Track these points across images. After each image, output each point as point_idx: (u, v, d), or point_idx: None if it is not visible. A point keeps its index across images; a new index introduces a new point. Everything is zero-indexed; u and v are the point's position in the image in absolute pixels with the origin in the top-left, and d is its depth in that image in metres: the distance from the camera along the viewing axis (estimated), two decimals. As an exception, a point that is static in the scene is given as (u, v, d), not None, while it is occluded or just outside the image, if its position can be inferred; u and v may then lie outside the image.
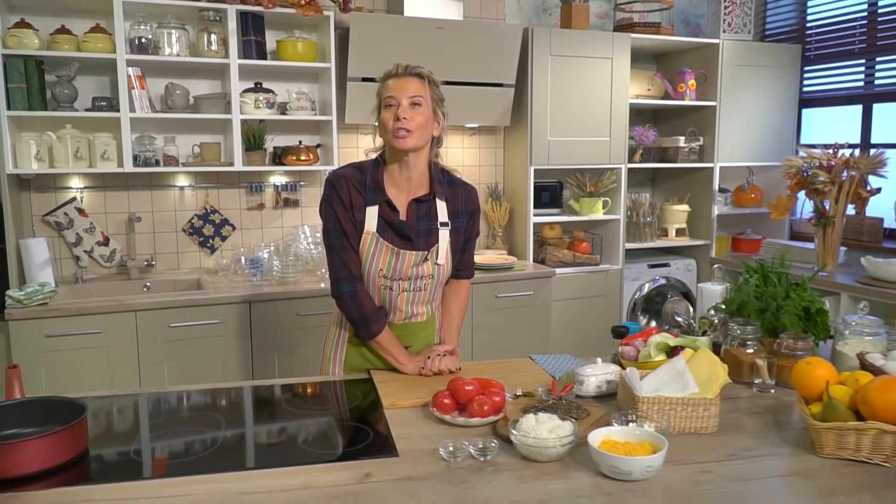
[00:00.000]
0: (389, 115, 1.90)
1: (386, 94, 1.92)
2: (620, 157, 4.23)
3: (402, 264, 1.97)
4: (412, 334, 2.10)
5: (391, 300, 2.02)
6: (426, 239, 2.00)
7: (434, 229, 2.01)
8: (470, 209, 2.08)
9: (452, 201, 2.04)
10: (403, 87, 1.90)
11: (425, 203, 2.01)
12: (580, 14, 4.15)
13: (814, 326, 1.97)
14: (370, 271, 1.98)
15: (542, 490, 1.35)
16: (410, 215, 1.99)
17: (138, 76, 3.30)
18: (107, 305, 3.04)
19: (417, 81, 1.92)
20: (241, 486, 1.37)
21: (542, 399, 1.73)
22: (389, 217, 1.97)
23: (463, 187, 2.08)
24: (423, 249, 1.99)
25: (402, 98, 1.89)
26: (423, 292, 2.04)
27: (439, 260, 2.02)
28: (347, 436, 1.68)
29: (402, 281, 2.00)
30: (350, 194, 1.95)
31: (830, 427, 1.46)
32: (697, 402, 1.62)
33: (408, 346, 2.08)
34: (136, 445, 1.62)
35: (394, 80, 1.92)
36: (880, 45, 4.15)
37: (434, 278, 2.03)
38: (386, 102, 1.91)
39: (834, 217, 3.84)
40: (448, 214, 2.03)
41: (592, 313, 4.17)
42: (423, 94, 1.92)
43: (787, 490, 1.37)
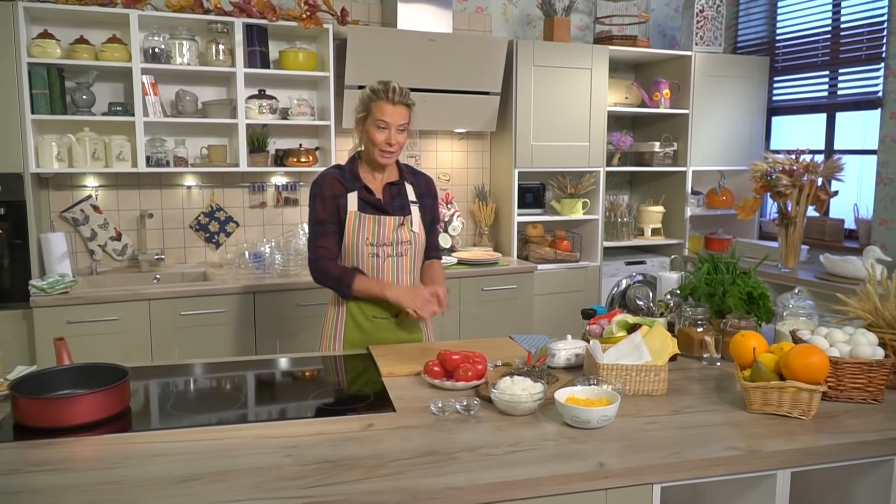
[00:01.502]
0: (382, 136, 2.27)
1: (380, 116, 2.25)
2: (599, 160, 4.52)
3: (384, 229, 2.34)
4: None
5: (379, 267, 2.35)
6: (401, 211, 2.39)
7: (406, 205, 2.40)
8: (432, 192, 2.49)
9: (417, 186, 2.45)
10: (396, 115, 2.26)
11: (396, 186, 2.41)
12: (562, 27, 4.44)
13: (757, 309, 2.26)
14: (357, 243, 2.33)
15: (515, 435, 1.63)
16: (385, 196, 2.39)
17: (151, 83, 3.56)
18: (123, 294, 3.30)
19: (406, 110, 2.29)
20: (265, 433, 1.64)
21: (518, 367, 2.01)
22: (367, 198, 2.35)
23: (423, 176, 2.51)
24: (399, 216, 2.37)
25: (393, 125, 2.26)
26: (405, 258, 2.38)
27: (414, 228, 2.39)
28: (352, 397, 1.96)
29: (386, 246, 2.35)
30: (332, 187, 2.33)
31: (757, 386, 1.75)
32: (650, 369, 1.90)
33: (396, 315, 2.39)
34: (170, 402, 1.89)
35: (389, 106, 2.25)
36: (843, 57, 4.45)
37: (412, 244, 2.39)
38: (379, 124, 2.26)
39: (795, 218, 4.15)
40: (416, 196, 2.44)
41: (572, 307, 4.45)
42: (407, 120, 2.31)
43: (718, 435, 1.65)
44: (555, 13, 4.44)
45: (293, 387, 2.09)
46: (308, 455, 1.51)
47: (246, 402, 1.92)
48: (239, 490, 1.35)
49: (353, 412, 1.79)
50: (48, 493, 1.34)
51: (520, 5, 4.66)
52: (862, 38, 4.32)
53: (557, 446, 1.57)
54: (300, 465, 1.46)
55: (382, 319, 2.40)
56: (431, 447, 1.56)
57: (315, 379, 2.15)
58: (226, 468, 1.44)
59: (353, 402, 1.92)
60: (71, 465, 1.46)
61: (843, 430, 1.68)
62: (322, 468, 1.45)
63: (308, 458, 1.49)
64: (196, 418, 1.75)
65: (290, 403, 1.94)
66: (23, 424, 1.64)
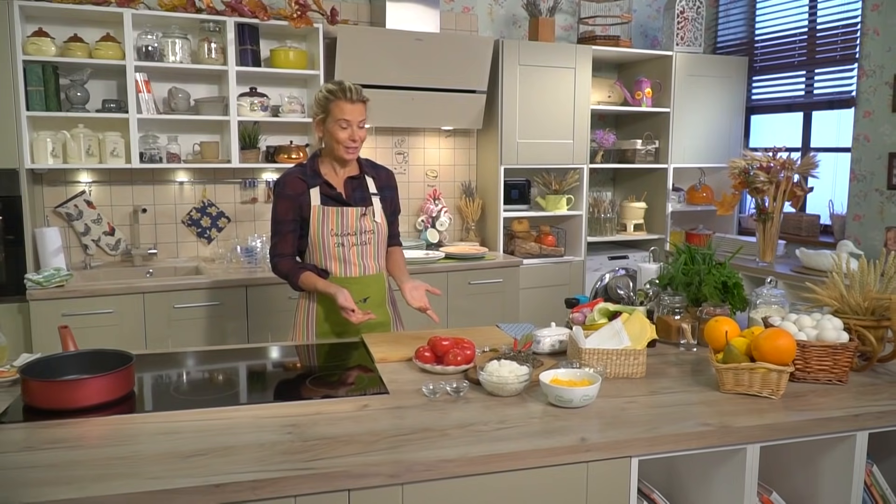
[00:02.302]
0: (345, 134, 2.39)
1: (340, 115, 2.38)
2: (583, 158, 4.64)
3: (347, 219, 2.48)
4: (367, 286, 2.55)
5: (345, 256, 2.49)
6: (362, 202, 2.52)
7: (367, 197, 2.54)
8: (392, 185, 2.63)
9: (378, 179, 2.59)
10: (355, 112, 2.39)
11: (357, 179, 2.54)
12: (546, 27, 4.54)
13: (731, 297, 2.37)
14: (323, 234, 2.46)
15: (502, 414, 1.73)
16: (346, 189, 2.51)
17: (145, 81, 3.62)
18: (118, 288, 3.37)
19: (363, 106, 2.42)
20: (266, 413, 1.73)
21: (505, 353, 2.11)
22: (328, 192, 2.48)
23: (384, 170, 2.64)
24: (361, 206, 2.50)
25: (354, 122, 2.39)
26: (369, 246, 2.53)
27: (376, 218, 2.52)
28: (347, 381, 2.05)
29: (351, 236, 2.49)
30: (294, 186, 2.45)
31: (729, 367, 1.86)
32: (629, 353, 2.01)
33: (366, 298, 2.52)
34: (173, 386, 1.98)
35: (348, 105, 2.37)
36: (819, 58, 4.59)
37: (375, 233, 2.53)
38: (341, 123, 2.38)
39: (772, 213, 4.28)
40: (376, 188, 2.57)
41: (556, 300, 4.56)
42: (365, 116, 2.43)
43: (693, 412, 1.76)
44: (539, 14, 4.54)
45: (289, 372, 2.18)
46: (308, 432, 1.60)
47: (246, 386, 2.01)
48: (244, 463, 1.44)
49: (348, 394, 1.89)
50: (62, 466, 1.42)
51: (505, 6, 4.76)
52: (837, 40, 4.46)
53: (542, 423, 1.67)
54: (301, 441, 1.55)
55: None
56: (424, 424, 1.66)
57: (310, 364, 2.24)
58: (230, 444, 1.53)
59: (349, 385, 2.01)
60: (82, 443, 1.54)
61: (810, 408, 1.79)
62: (322, 443, 1.54)
63: (308, 435, 1.59)
64: (199, 400, 1.83)
65: (288, 387, 2.02)
66: (33, 407, 1.72)
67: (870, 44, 4.22)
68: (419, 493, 1.48)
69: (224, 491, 1.36)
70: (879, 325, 2.06)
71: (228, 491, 1.36)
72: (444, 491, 1.49)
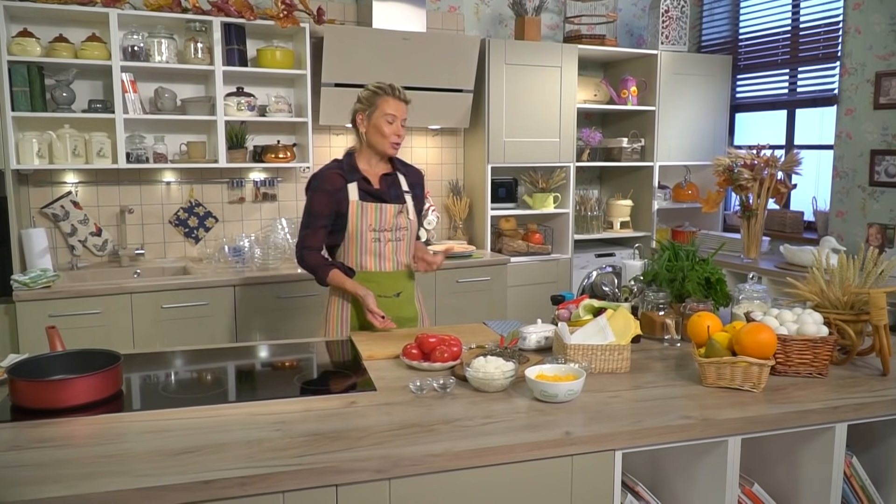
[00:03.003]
0: (392, 129, 2.48)
1: (388, 110, 2.47)
2: (569, 156, 4.67)
3: (385, 215, 2.53)
4: (399, 281, 2.61)
5: (381, 251, 2.56)
6: (398, 199, 2.58)
7: (401, 194, 2.61)
8: (420, 183, 2.71)
9: (408, 176, 2.66)
10: (402, 109, 2.50)
11: (391, 177, 2.61)
12: (532, 26, 4.57)
13: (714, 293, 2.40)
14: (361, 229, 2.51)
15: (488, 409, 1.75)
16: (382, 186, 2.58)
17: (131, 81, 3.62)
18: (105, 288, 3.36)
19: (406, 106, 2.52)
20: (254, 411, 1.75)
21: (491, 349, 2.13)
22: (366, 188, 2.54)
23: (413, 168, 2.72)
24: (397, 203, 2.56)
25: (400, 118, 2.49)
26: (402, 243, 2.59)
27: (410, 215, 2.60)
28: (335, 379, 2.06)
29: (387, 232, 2.54)
30: (333, 181, 2.50)
31: (711, 361, 1.89)
32: (614, 348, 2.04)
33: (399, 293, 2.60)
34: (161, 385, 1.98)
35: (395, 102, 2.48)
36: (802, 56, 4.64)
37: (408, 230, 2.60)
38: (388, 118, 2.47)
39: (756, 210, 4.33)
40: (408, 185, 2.64)
41: (544, 298, 4.57)
42: (407, 115, 2.53)
43: (676, 406, 1.79)
44: (526, 13, 4.57)
45: (278, 370, 2.19)
46: (296, 429, 1.62)
47: (234, 385, 2.02)
48: (234, 460, 1.45)
49: (336, 392, 1.90)
50: (51, 465, 1.43)
51: (492, 5, 4.78)
52: (819, 38, 4.51)
53: (528, 418, 1.70)
54: (289, 438, 1.57)
55: (385, 298, 2.55)
56: (411, 420, 1.67)
57: (299, 363, 2.25)
58: (220, 441, 1.55)
59: (336, 382, 2.03)
60: (71, 442, 1.55)
61: (790, 401, 1.83)
62: (310, 440, 1.56)
63: (296, 432, 1.60)
64: (187, 399, 1.84)
65: (276, 385, 2.04)
66: (21, 406, 1.73)
67: (851, 42, 4.27)
68: (406, 488, 1.50)
69: (213, 487, 1.37)
70: (858, 320, 2.09)
71: (217, 487, 1.37)
72: (431, 485, 1.51)
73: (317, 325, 3.74)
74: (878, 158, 4.15)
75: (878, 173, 4.16)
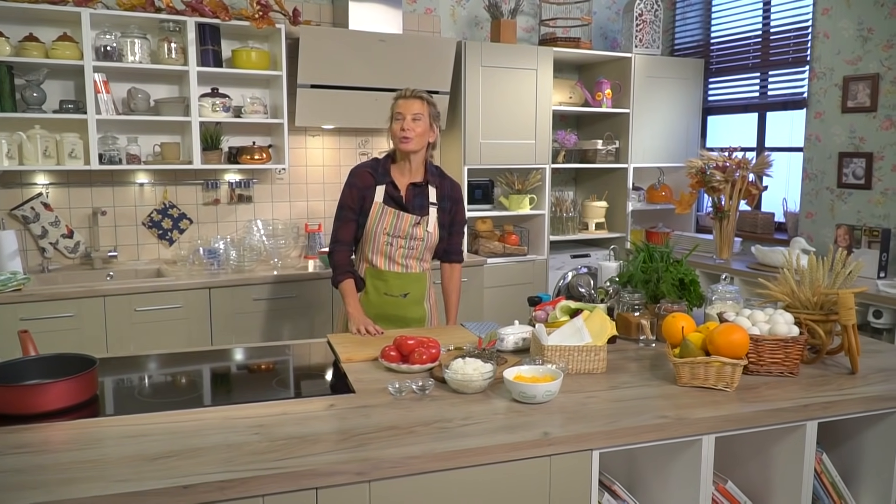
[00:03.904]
0: (397, 125, 2.60)
1: (395, 110, 2.62)
2: (545, 158, 4.70)
3: (401, 223, 2.65)
4: (408, 283, 2.72)
5: (391, 254, 2.68)
6: (419, 211, 2.67)
7: (426, 206, 2.69)
8: (454, 196, 2.75)
9: (440, 189, 2.72)
10: (408, 106, 2.59)
11: (420, 187, 2.69)
12: (508, 29, 4.60)
13: (688, 294, 2.44)
14: (377, 230, 2.65)
15: (467, 410, 1.77)
16: (408, 194, 2.68)
17: (103, 81, 3.58)
18: (77, 291, 3.32)
19: (419, 102, 2.61)
20: (232, 414, 1.74)
21: (469, 351, 2.14)
22: (392, 193, 2.66)
23: (449, 180, 2.77)
24: (417, 215, 2.65)
25: (407, 114, 2.58)
26: (414, 250, 2.70)
27: (429, 228, 2.68)
28: (313, 382, 2.06)
29: (401, 239, 2.66)
30: (364, 179, 2.66)
31: (685, 361, 1.93)
32: (590, 349, 2.06)
33: (406, 294, 2.71)
34: (137, 389, 1.97)
35: (402, 101, 2.61)
36: (772, 60, 4.72)
37: (424, 241, 2.69)
38: (395, 116, 2.61)
39: (728, 211, 4.40)
40: (437, 198, 2.70)
41: (520, 299, 4.60)
42: (423, 111, 2.60)
43: (651, 406, 1.82)
44: (501, 15, 4.59)
45: (255, 373, 2.19)
46: (275, 432, 1.62)
47: (211, 388, 2.01)
48: (213, 464, 1.45)
49: (315, 394, 1.90)
50: (28, 471, 1.42)
51: (467, 7, 4.80)
52: (789, 42, 4.59)
53: (506, 419, 1.71)
54: (269, 441, 1.56)
55: (391, 297, 2.70)
56: (390, 422, 1.68)
57: (276, 366, 2.24)
58: (198, 446, 1.54)
59: (315, 385, 2.03)
60: (47, 447, 1.54)
61: (763, 400, 1.87)
62: (290, 443, 1.56)
63: (275, 435, 1.60)
64: (164, 403, 1.83)
65: (254, 388, 2.03)
66: (-6, 412, 1.70)
67: (820, 47, 4.35)
68: (386, 490, 1.50)
69: (193, 492, 1.37)
70: (828, 320, 2.14)
71: (197, 492, 1.37)
72: (411, 487, 1.52)
73: (293, 327, 3.76)
74: (846, 161, 4.24)
75: (846, 175, 4.25)
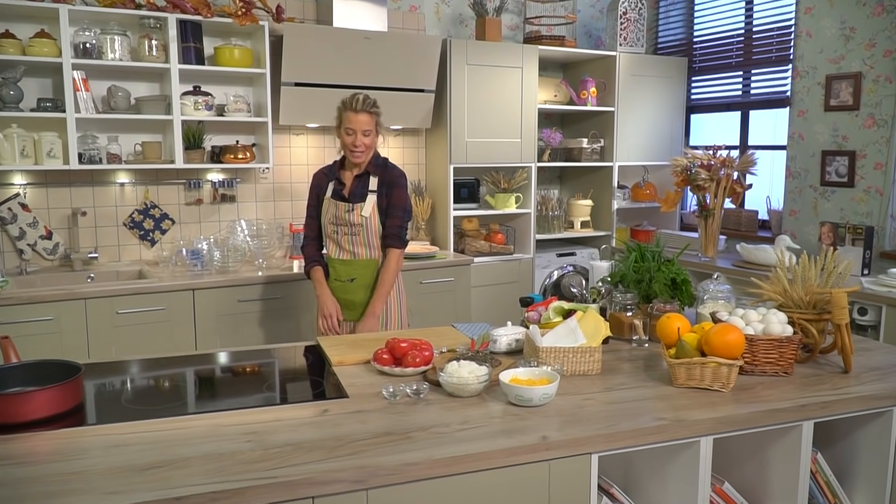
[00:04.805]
0: (349, 140, 2.77)
1: (347, 124, 2.76)
2: (531, 156, 4.68)
3: (339, 212, 2.86)
4: (354, 269, 2.90)
5: (339, 241, 2.90)
6: (359, 198, 2.86)
7: (365, 193, 2.87)
8: (390, 181, 2.88)
9: (381, 177, 2.88)
10: (358, 122, 2.74)
11: (362, 177, 2.89)
12: (493, 27, 4.57)
13: (680, 294, 2.43)
14: (325, 222, 2.91)
15: (464, 415, 1.74)
16: (352, 185, 2.89)
17: (83, 79, 3.50)
18: (57, 294, 3.24)
19: (368, 117, 2.76)
20: (223, 422, 1.70)
21: (463, 353, 2.11)
22: (337, 188, 2.90)
23: (393, 169, 2.92)
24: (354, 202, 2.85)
25: (358, 130, 2.75)
26: (358, 237, 2.87)
27: (364, 213, 2.83)
28: (305, 387, 2.02)
29: (343, 226, 2.87)
30: (319, 180, 2.96)
31: (682, 362, 1.91)
32: (585, 350, 2.04)
33: (353, 279, 2.89)
34: (123, 396, 1.91)
35: (353, 115, 2.75)
36: (755, 59, 4.74)
37: (364, 227, 2.85)
38: (347, 130, 2.77)
39: (714, 209, 4.41)
40: (376, 185, 2.87)
41: (507, 298, 4.60)
42: (371, 125, 2.78)
43: (647, 407, 1.80)
44: (486, 13, 4.57)
45: (244, 378, 2.14)
46: (268, 440, 1.58)
47: (199, 394, 1.96)
48: (204, 474, 1.41)
49: (307, 400, 1.86)
50: (12, 484, 1.37)
51: (452, 5, 4.77)
52: (772, 41, 4.61)
53: (504, 423, 1.69)
54: (262, 450, 1.53)
55: (339, 282, 2.91)
56: (386, 428, 1.65)
57: (265, 370, 2.20)
58: (188, 455, 1.50)
59: (307, 390, 1.99)
60: (32, 459, 1.48)
61: (759, 400, 1.86)
62: (284, 451, 1.52)
63: (269, 443, 1.56)
64: (151, 411, 1.78)
65: (244, 393, 1.99)
66: (-25, 422, 1.65)
67: (803, 45, 4.38)
68: (384, 498, 1.47)
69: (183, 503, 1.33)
70: (821, 318, 2.14)
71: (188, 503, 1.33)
72: (410, 494, 1.49)
73: (280, 329, 3.71)
74: (829, 159, 4.27)
75: (829, 173, 4.28)
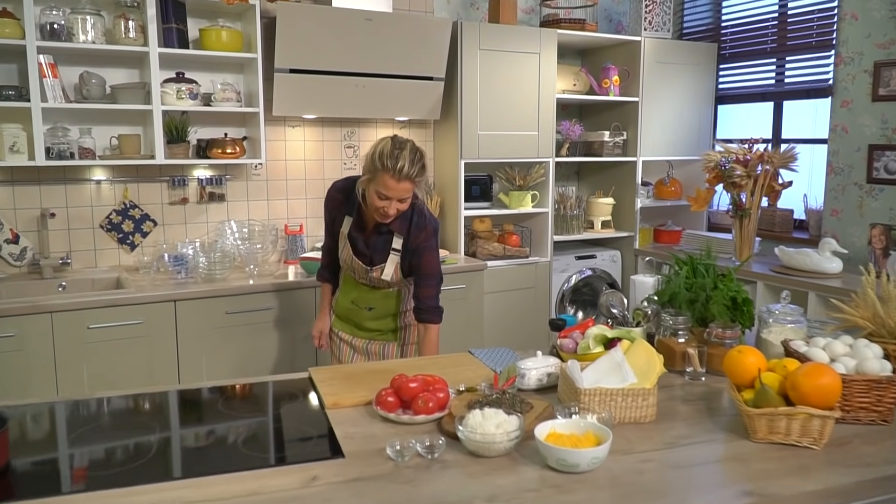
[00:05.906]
0: (381, 204, 2.28)
1: (382, 189, 2.25)
2: (548, 151, 4.29)
3: (354, 263, 2.49)
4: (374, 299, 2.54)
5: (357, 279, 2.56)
6: (380, 255, 2.45)
7: (387, 251, 2.44)
8: (414, 247, 2.42)
9: (406, 239, 2.42)
10: (399, 190, 2.25)
11: (387, 228, 2.42)
12: (507, 8, 4.18)
13: (740, 315, 2.05)
14: (342, 260, 2.54)
15: (490, 485, 1.36)
16: (374, 238, 2.45)
17: (50, 64, 3.12)
18: (19, 307, 2.87)
19: (410, 185, 2.27)
20: (186, 495, 1.32)
21: (485, 394, 1.73)
22: (356, 233, 2.46)
23: (418, 227, 2.42)
24: (372, 265, 2.46)
25: (395, 197, 2.27)
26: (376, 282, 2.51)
27: (384, 275, 2.45)
28: (290, 438, 1.64)
29: (361, 276, 2.51)
30: (333, 202, 2.51)
31: (763, 413, 1.53)
32: (637, 393, 1.66)
33: (371, 307, 2.54)
34: (65, 457, 1.54)
35: (393, 181, 2.23)
36: (790, 45, 4.35)
37: (384, 280, 2.47)
38: (379, 194, 2.27)
39: (750, 209, 4.02)
40: (401, 246, 2.43)
41: (523, 305, 4.23)
42: (411, 193, 2.31)
43: (724, 474, 1.42)
44: (500, -7, 4.17)
45: (217, 424, 1.76)
46: (237, 528, 1.20)
47: (162, 452, 1.57)
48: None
49: (293, 461, 1.48)
50: None
51: (462, -15, 4.38)
52: (812, 25, 4.21)
53: (541, 498, 1.31)
54: (227, 545, 1.15)
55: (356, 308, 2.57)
56: (392, 507, 1.27)
57: (244, 412, 1.82)
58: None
59: (293, 446, 1.61)
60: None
61: (859, 462, 1.47)
62: (255, 548, 1.14)
63: (237, 533, 1.19)
64: (98, 479, 1.40)
65: (216, 452, 1.60)
66: None
67: (847, 29, 3.98)
68: None
69: None
70: (922, 352, 1.76)
71: None
72: None
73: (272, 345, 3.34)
74: (878, 154, 3.88)
75: (877, 170, 3.89)
